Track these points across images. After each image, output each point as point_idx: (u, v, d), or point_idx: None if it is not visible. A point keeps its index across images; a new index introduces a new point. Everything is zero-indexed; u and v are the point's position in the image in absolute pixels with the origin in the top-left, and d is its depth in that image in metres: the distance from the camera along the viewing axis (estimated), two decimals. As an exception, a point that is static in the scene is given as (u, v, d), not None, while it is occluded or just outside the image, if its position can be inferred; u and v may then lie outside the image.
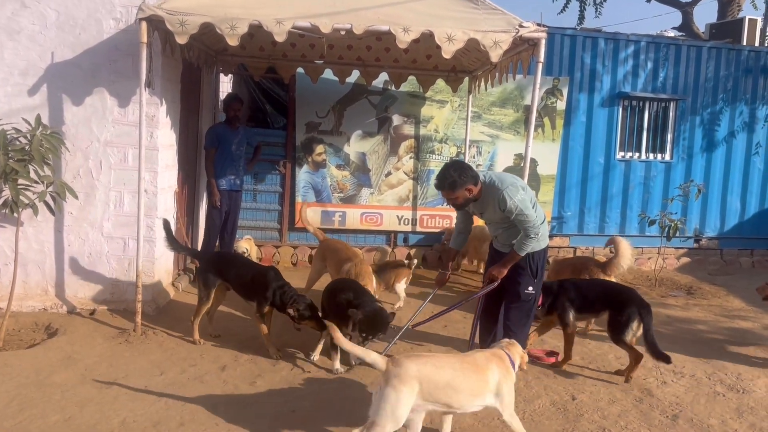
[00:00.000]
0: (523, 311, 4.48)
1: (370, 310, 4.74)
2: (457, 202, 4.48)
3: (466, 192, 4.39)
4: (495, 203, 4.36)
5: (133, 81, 5.70)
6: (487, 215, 4.57)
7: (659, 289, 8.18)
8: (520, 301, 4.46)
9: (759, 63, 9.80)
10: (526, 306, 4.47)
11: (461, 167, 4.43)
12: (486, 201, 4.44)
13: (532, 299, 4.50)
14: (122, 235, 5.98)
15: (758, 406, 4.53)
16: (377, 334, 4.68)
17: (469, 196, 4.42)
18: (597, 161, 9.41)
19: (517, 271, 4.49)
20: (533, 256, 4.49)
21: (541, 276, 4.57)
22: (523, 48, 5.64)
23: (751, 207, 10.05)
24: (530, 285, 4.48)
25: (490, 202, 4.41)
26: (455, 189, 4.37)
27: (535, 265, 4.49)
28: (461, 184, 4.35)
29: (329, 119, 8.51)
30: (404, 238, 9.02)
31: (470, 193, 4.40)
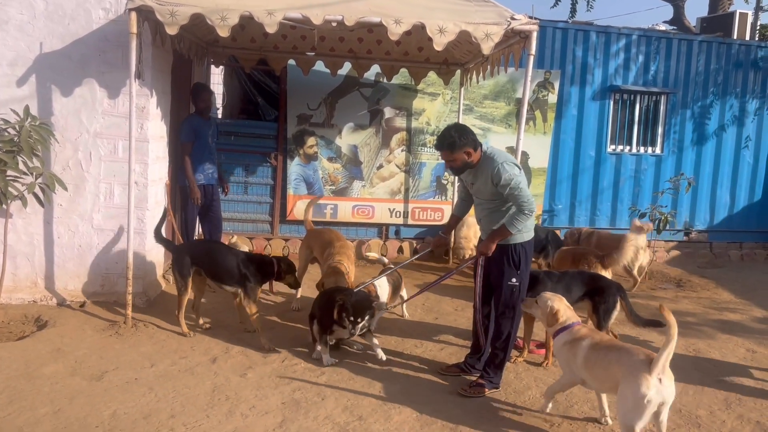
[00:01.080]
0: (509, 303, 4.46)
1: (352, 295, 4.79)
2: (455, 164, 4.42)
3: (464, 155, 4.35)
4: (489, 175, 4.30)
5: (123, 72, 5.65)
6: (477, 186, 4.49)
7: (649, 282, 8.23)
8: (504, 293, 4.45)
9: (749, 57, 9.85)
10: (511, 298, 4.45)
11: (462, 129, 4.41)
12: (481, 171, 4.39)
13: (516, 291, 4.48)
14: (112, 227, 5.95)
15: (746, 398, 4.57)
16: (363, 316, 4.68)
17: (467, 160, 4.37)
18: (588, 154, 9.44)
19: (499, 263, 4.46)
20: (515, 248, 4.42)
21: (524, 268, 4.50)
22: (515, 41, 5.64)
23: (740, 200, 10.12)
24: (513, 277, 4.44)
25: (484, 173, 4.36)
26: (454, 150, 4.33)
27: (517, 257, 4.42)
28: (460, 146, 4.32)
29: (321, 111, 8.49)
30: (396, 230, 9.03)
31: (469, 156, 4.36)
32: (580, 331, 3.98)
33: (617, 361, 3.60)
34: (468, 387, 4.44)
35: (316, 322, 4.97)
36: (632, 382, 3.41)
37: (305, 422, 3.89)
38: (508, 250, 4.43)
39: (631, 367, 3.47)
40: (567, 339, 3.99)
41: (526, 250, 4.49)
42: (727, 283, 8.22)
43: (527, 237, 4.48)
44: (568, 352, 3.94)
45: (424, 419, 4.00)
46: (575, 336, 3.95)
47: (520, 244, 4.44)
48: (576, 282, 5.17)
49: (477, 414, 4.12)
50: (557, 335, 4.07)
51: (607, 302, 5.01)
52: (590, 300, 5.09)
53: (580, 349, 3.85)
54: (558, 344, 4.04)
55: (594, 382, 3.84)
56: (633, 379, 3.41)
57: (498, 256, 4.45)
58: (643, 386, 3.36)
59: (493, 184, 4.32)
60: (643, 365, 3.43)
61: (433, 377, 4.70)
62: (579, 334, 3.95)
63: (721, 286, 8.12)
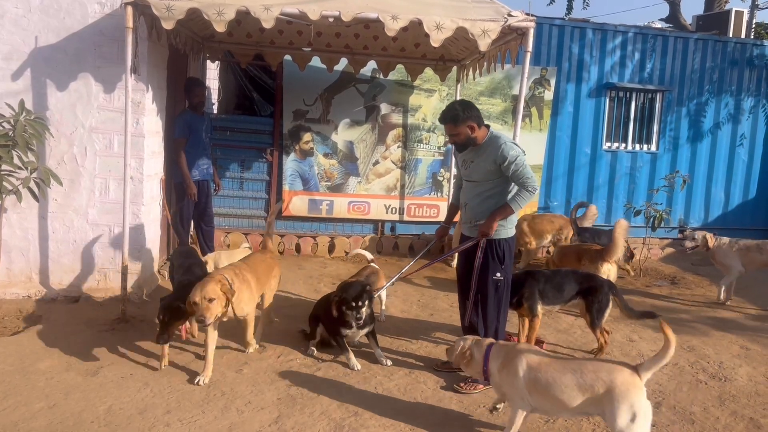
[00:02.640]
0: (494, 298, 4.48)
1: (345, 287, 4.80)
2: (458, 138, 4.47)
3: (467, 129, 4.41)
4: (493, 154, 4.33)
5: (119, 66, 5.63)
6: (476, 164, 4.49)
7: (644, 279, 8.25)
8: (489, 287, 4.47)
9: (745, 55, 9.87)
10: (497, 293, 4.47)
11: (468, 104, 4.50)
12: (484, 149, 4.42)
13: (501, 285, 4.49)
14: (108, 223, 5.93)
15: (740, 394, 4.60)
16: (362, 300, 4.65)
17: (471, 135, 4.43)
18: (584, 151, 9.45)
19: (483, 257, 4.47)
20: (499, 243, 4.44)
21: (508, 263, 4.52)
22: (512, 37, 5.64)
23: (734, 198, 10.16)
24: (498, 271, 4.46)
25: (487, 151, 4.39)
26: (457, 122, 4.40)
27: (501, 251, 4.45)
28: (464, 119, 4.39)
29: (317, 107, 8.47)
30: (391, 227, 9.02)
31: (472, 131, 4.42)
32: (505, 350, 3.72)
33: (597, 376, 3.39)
34: (463, 383, 4.45)
35: (322, 325, 5.01)
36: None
37: (301, 418, 3.89)
38: (493, 245, 4.45)
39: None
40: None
41: (510, 246, 4.52)
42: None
43: (510, 233, 4.52)
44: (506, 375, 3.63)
45: (420, 414, 4.00)
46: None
47: (504, 240, 4.48)
48: (568, 281, 5.18)
49: (473, 410, 4.13)
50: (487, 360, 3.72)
51: (600, 301, 5.02)
52: (583, 299, 5.11)
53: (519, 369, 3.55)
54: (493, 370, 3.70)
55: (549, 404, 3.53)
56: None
57: (482, 251, 4.46)
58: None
59: (495, 164, 4.34)
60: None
61: (429, 373, 4.71)
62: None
63: (715, 283, 8.09)
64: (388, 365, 4.78)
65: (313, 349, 4.96)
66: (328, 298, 5.06)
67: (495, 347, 3.74)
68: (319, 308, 5.12)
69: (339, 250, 8.60)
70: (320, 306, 5.12)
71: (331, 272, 7.63)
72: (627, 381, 3.32)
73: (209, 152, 7.14)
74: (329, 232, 8.80)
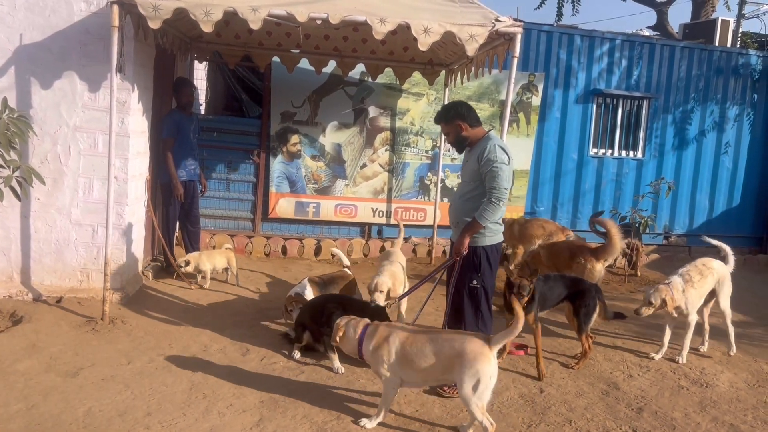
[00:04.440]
0: (471, 305, 4.46)
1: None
2: (449, 138, 4.58)
3: (456, 127, 4.47)
4: (479, 153, 4.34)
5: (104, 65, 5.58)
6: (466, 165, 4.55)
7: (628, 285, 8.29)
8: (464, 294, 4.46)
9: (730, 63, 9.97)
10: (473, 300, 4.46)
11: (459, 104, 4.62)
12: (475, 150, 4.43)
13: (478, 292, 4.46)
14: (91, 222, 5.87)
15: (721, 400, 4.63)
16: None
17: (461, 133, 4.48)
18: (570, 157, 9.50)
19: (461, 264, 4.47)
20: (476, 251, 4.42)
21: (486, 271, 4.46)
22: (499, 42, 5.65)
23: (719, 205, 10.25)
24: (474, 279, 4.43)
25: (477, 151, 4.39)
26: (446, 121, 4.51)
27: (477, 259, 4.42)
28: (452, 118, 4.48)
29: (305, 109, 8.45)
30: (378, 230, 9.02)
31: (462, 129, 4.47)
32: (379, 329, 3.93)
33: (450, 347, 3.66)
34: (448, 388, 4.44)
35: (308, 331, 4.95)
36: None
37: (283, 421, 3.87)
38: (470, 252, 4.43)
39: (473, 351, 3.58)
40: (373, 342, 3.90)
41: (488, 253, 4.46)
42: (704, 287, 8.28)
43: (489, 241, 4.46)
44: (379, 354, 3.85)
45: (402, 420, 3.99)
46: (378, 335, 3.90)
47: (480, 247, 4.43)
48: (556, 285, 5.20)
49: (456, 414, 4.12)
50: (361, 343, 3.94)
51: (588, 306, 5.05)
52: (570, 303, 5.12)
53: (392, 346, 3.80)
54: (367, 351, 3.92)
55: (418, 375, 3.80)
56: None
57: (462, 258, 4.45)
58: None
59: (478, 162, 4.33)
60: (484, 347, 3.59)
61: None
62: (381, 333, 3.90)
63: (699, 289, 8.18)
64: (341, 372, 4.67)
65: (297, 352, 4.93)
66: (314, 303, 5.04)
67: (370, 328, 3.96)
68: (305, 314, 5.08)
69: (325, 253, 8.56)
70: (306, 312, 5.08)
71: (317, 275, 7.58)
72: (476, 350, 3.58)
73: (196, 153, 7.12)
74: (316, 234, 8.78)
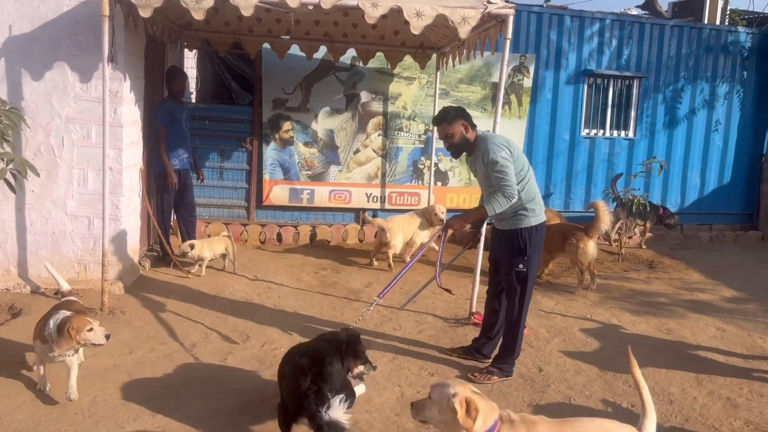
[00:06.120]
0: (519, 289, 4.42)
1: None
2: (453, 140, 4.40)
3: (461, 127, 4.36)
4: (481, 157, 4.31)
5: (95, 55, 5.54)
6: (478, 173, 4.50)
7: (622, 264, 8.37)
8: (512, 278, 4.45)
9: (720, 41, 10.00)
10: (521, 284, 4.40)
11: (460, 108, 4.56)
12: (477, 155, 4.39)
13: (523, 276, 4.40)
14: (87, 214, 5.86)
15: (716, 375, 4.70)
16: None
17: (465, 134, 4.37)
18: (563, 138, 9.53)
19: (506, 248, 4.44)
20: (521, 233, 4.36)
21: (531, 254, 4.40)
22: (491, 25, 5.65)
23: (710, 183, 10.33)
24: (520, 262, 4.37)
25: (479, 156, 4.36)
26: (450, 120, 4.37)
27: (523, 242, 4.36)
28: (455, 117, 4.38)
29: (296, 96, 8.43)
30: (373, 215, 9.02)
31: (466, 130, 4.38)
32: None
33: None
34: (479, 373, 4.41)
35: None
36: None
37: (286, 406, 3.91)
38: (515, 235, 4.38)
39: None
40: None
41: (531, 235, 4.38)
42: (697, 264, 8.40)
43: (533, 222, 4.39)
44: None
45: (405, 401, 4.04)
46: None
47: (525, 229, 4.37)
48: None
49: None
50: None
51: None
52: None
53: None
54: None
55: None
56: None
57: (504, 241, 4.44)
58: None
59: (484, 165, 4.29)
60: None
61: (413, 359, 4.74)
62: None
63: (692, 267, 8.29)
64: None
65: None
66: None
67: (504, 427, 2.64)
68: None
69: (321, 239, 8.59)
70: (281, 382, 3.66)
71: (312, 261, 7.63)
72: None
73: (188, 142, 7.10)
74: (311, 221, 8.79)
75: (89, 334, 3.67)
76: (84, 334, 3.64)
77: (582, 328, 5.62)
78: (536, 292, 6.64)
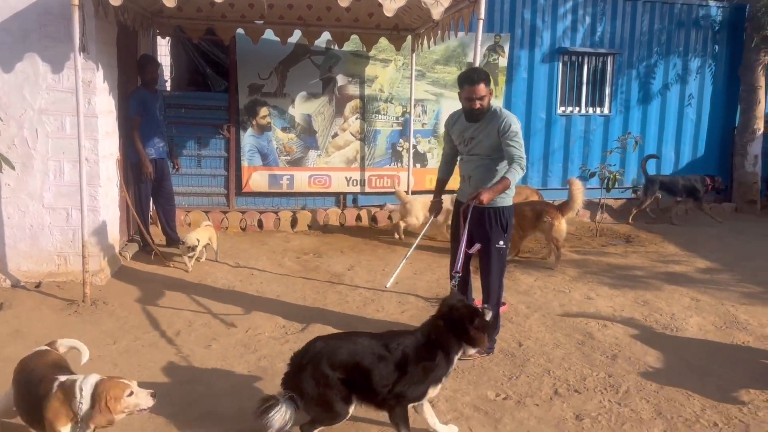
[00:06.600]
0: (498, 265, 4.56)
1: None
2: (484, 102, 4.38)
3: (490, 92, 4.42)
4: (496, 126, 4.35)
5: (67, 45, 5.47)
6: (478, 140, 4.50)
7: (600, 239, 8.50)
8: (492, 255, 4.55)
9: (691, 16, 10.10)
10: (499, 261, 4.56)
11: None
12: (486, 124, 4.43)
13: (504, 253, 4.58)
14: (64, 206, 5.83)
15: (690, 343, 4.84)
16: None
17: (489, 98, 4.43)
18: (539, 116, 9.61)
19: (488, 227, 4.53)
20: (503, 211, 4.50)
21: (509, 231, 4.59)
22: (464, 5, 5.68)
23: (684, 156, 10.49)
24: (501, 239, 4.52)
25: (489, 125, 4.40)
26: (488, 82, 4.39)
27: (505, 220, 4.51)
28: (489, 80, 4.42)
29: (272, 81, 8.40)
30: (353, 199, 9.07)
31: (490, 95, 4.44)
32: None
33: None
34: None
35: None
36: None
37: (271, 389, 3.96)
38: (500, 213, 4.49)
39: None
40: None
41: (511, 214, 4.57)
42: (673, 237, 8.56)
43: (509, 202, 4.55)
44: None
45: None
46: None
47: (507, 208, 4.51)
48: None
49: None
50: None
51: None
52: None
53: None
54: None
55: None
56: None
57: (486, 218, 4.50)
58: None
59: (497, 134, 4.34)
60: None
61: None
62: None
63: (667, 240, 8.45)
64: None
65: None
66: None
67: None
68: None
69: (302, 224, 8.61)
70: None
71: (294, 246, 7.66)
72: None
73: (164, 130, 7.07)
74: (291, 206, 8.80)
75: (131, 400, 2.93)
76: (124, 401, 2.91)
77: (560, 302, 5.73)
78: (515, 269, 6.77)
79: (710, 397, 3.95)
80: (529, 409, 3.78)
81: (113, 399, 2.86)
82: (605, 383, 4.12)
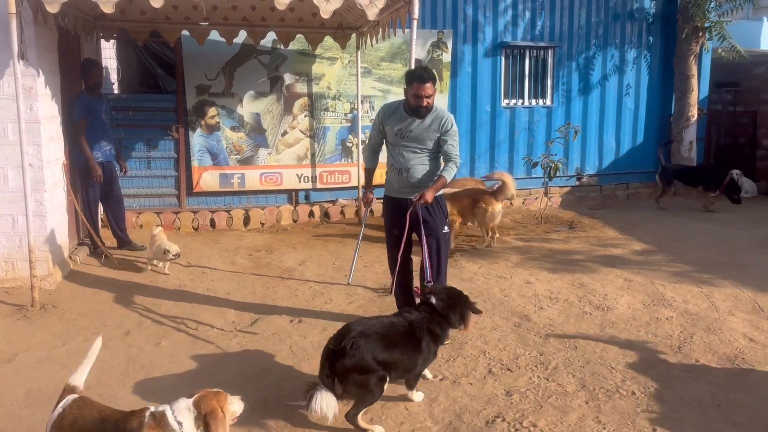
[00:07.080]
0: (445, 249, 4.88)
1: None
2: (431, 100, 4.62)
3: (434, 91, 4.65)
4: (438, 123, 4.62)
5: (5, 53, 5.47)
6: (415, 134, 4.67)
7: (545, 226, 8.83)
8: (441, 241, 4.81)
9: (626, 9, 10.50)
10: (446, 244, 4.88)
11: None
12: (430, 120, 4.66)
13: (448, 236, 5.00)
14: (10, 212, 5.84)
15: (619, 321, 5.14)
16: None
17: (434, 97, 4.66)
18: (484, 110, 9.88)
19: (434, 214, 4.78)
20: (440, 200, 4.83)
21: (447, 216, 5.00)
22: (400, 5, 5.88)
23: (624, 144, 10.90)
24: (445, 225, 4.85)
25: (429, 122, 4.64)
26: (434, 81, 4.63)
27: (444, 208, 4.88)
28: (435, 80, 4.67)
29: (219, 81, 8.46)
30: (306, 195, 9.20)
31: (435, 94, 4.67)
32: None
33: None
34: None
35: None
36: None
37: (218, 383, 4.10)
38: (438, 203, 4.79)
39: None
40: None
41: (444, 200, 4.97)
42: (613, 222, 8.94)
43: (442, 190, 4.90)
44: None
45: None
46: None
47: (441, 195, 4.85)
48: None
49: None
50: None
51: None
52: None
53: None
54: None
55: None
56: None
57: (432, 208, 4.76)
58: None
59: (436, 132, 4.62)
60: None
61: (341, 329, 4.99)
62: None
63: (608, 224, 8.83)
64: None
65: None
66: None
67: None
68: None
69: (255, 222, 8.72)
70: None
71: (247, 244, 7.78)
72: None
73: (111, 134, 7.10)
74: (243, 204, 8.90)
75: (233, 408, 2.84)
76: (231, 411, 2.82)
77: (501, 288, 6.00)
78: (461, 257, 7.03)
79: (632, 369, 4.24)
80: (464, 387, 4.02)
81: (225, 412, 2.74)
82: (536, 361, 4.38)
